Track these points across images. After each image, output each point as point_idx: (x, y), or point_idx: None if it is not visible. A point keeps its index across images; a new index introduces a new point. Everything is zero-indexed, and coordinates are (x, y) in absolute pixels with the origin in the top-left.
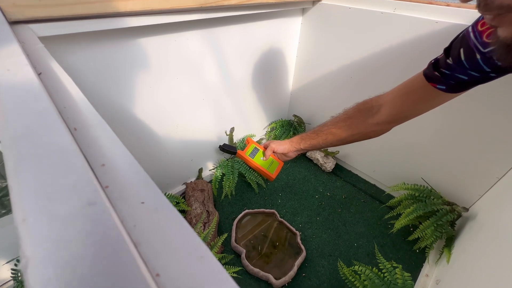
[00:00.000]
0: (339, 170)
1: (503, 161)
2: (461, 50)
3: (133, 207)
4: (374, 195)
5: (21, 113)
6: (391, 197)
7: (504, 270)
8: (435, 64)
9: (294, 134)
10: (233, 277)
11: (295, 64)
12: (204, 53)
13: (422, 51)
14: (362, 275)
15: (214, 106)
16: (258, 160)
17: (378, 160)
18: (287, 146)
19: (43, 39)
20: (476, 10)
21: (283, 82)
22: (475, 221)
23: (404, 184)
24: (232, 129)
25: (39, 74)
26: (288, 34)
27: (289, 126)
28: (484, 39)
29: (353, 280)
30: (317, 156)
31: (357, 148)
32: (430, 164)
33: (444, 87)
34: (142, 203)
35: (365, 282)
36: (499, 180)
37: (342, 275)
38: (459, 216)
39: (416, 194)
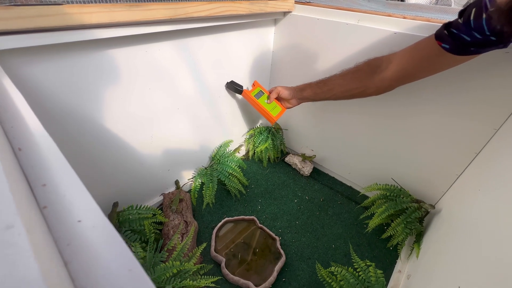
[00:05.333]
0: (317, 173)
1: (461, 159)
2: (473, 10)
3: (69, 226)
4: (350, 197)
5: None
6: (366, 197)
7: (462, 261)
8: (447, 24)
9: (273, 140)
10: (212, 287)
11: (270, 72)
12: (177, 63)
13: None
14: (338, 276)
15: (190, 116)
16: (262, 102)
17: (353, 162)
18: (292, 92)
19: (1, 52)
20: (428, 22)
21: None
22: (439, 216)
23: (377, 184)
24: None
25: None
26: (262, 43)
27: (267, 133)
28: None
29: (330, 281)
30: (295, 161)
31: (333, 152)
32: (398, 164)
33: (448, 46)
34: (79, 221)
35: (341, 282)
36: (458, 177)
37: (320, 277)
38: (427, 212)
39: (387, 194)
